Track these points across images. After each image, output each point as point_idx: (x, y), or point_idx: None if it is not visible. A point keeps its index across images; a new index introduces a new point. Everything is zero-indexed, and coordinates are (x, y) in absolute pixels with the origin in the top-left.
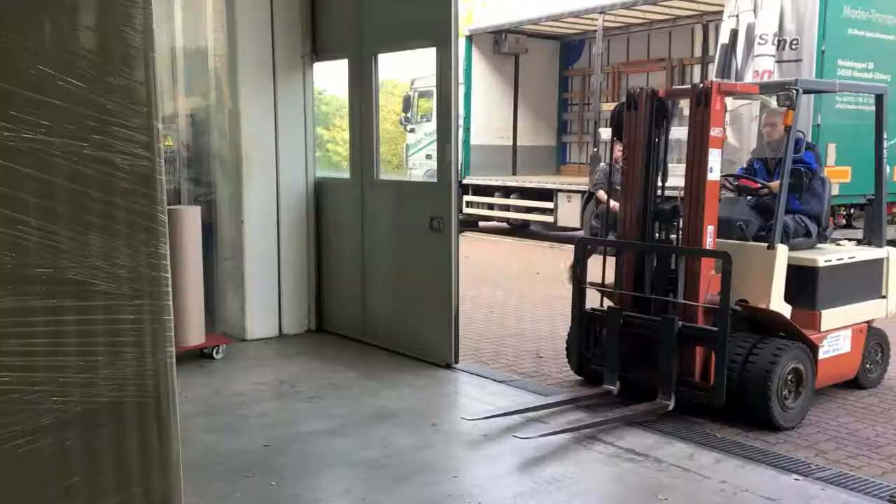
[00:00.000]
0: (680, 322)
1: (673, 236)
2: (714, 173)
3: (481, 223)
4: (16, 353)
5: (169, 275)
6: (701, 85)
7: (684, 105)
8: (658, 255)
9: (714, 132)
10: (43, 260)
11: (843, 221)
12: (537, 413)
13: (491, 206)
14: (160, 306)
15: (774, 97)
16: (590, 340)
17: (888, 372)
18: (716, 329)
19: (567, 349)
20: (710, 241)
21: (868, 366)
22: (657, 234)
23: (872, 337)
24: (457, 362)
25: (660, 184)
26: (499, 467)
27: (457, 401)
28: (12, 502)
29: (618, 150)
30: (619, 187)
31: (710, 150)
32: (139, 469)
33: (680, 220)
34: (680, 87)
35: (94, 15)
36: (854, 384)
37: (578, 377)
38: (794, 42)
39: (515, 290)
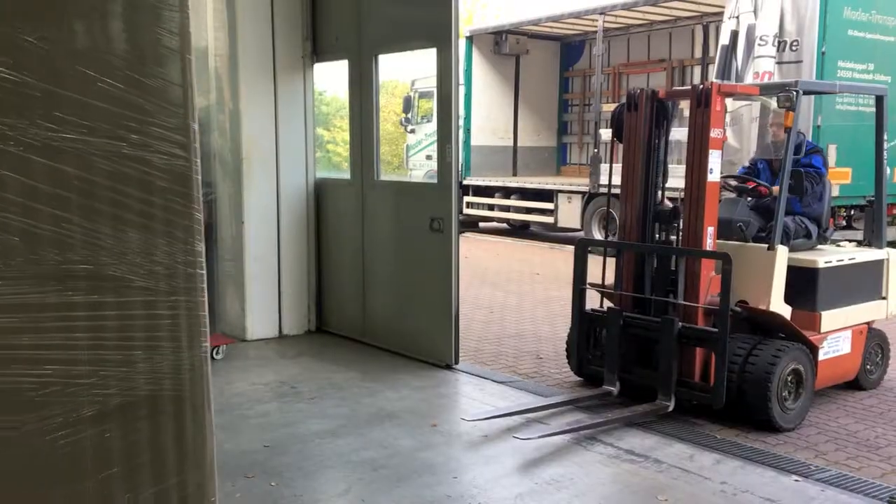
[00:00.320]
0: (680, 323)
1: (673, 237)
2: (714, 174)
3: (481, 224)
4: (58, 347)
5: (204, 272)
6: (701, 86)
7: (684, 106)
8: (658, 256)
9: (714, 133)
10: (84, 256)
11: (844, 223)
12: (537, 414)
13: (491, 207)
14: (196, 302)
15: (774, 98)
16: (590, 341)
17: (888, 373)
18: (716, 330)
19: (567, 350)
20: (710, 242)
21: (868, 367)
22: (657, 235)
23: (872, 338)
24: (457, 363)
25: (660, 185)
26: (499, 468)
27: (457, 401)
28: (54, 492)
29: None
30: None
31: (711, 151)
32: (175, 461)
33: (680, 222)
34: (680, 88)
35: (132, 17)
36: (854, 385)
37: (578, 378)
38: (795, 43)
39: (515, 291)
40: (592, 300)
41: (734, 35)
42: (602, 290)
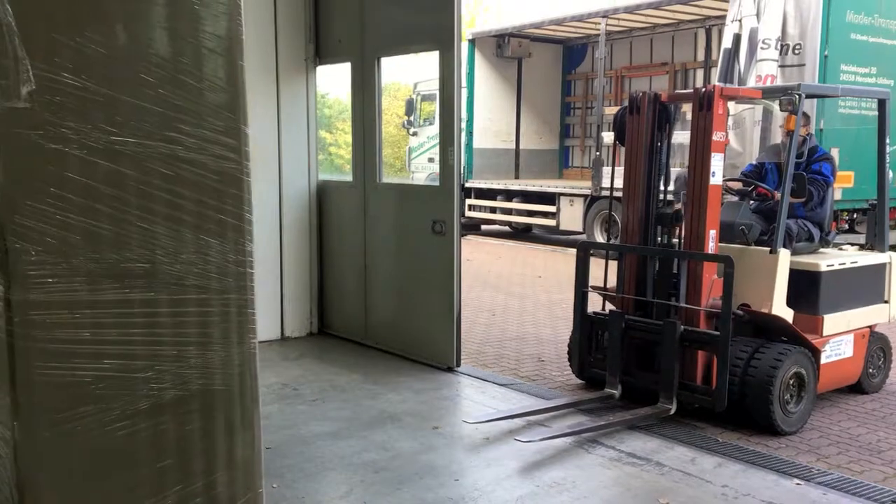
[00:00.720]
0: (682, 326)
1: (675, 240)
2: (716, 177)
3: (483, 227)
4: (117, 342)
5: (254, 270)
6: (703, 89)
7: (686, 109)
8: (660, 259)
9: (716, 136)
10: (141, 255)
11: (847, 226)
12: (539, 416)
13: (493, 210)
14: (245, 300)
15: (777, 102)
16: (591, 344)
17: (890, 377)
18: (718, 333)
19: (569, 353)
20: (712, 245)
21: (870, 370)
22: (659, 238)
23: (875, 342)
24: (458, 365)
25: (662, 188)
26: (500, 470)
27: (458, 404)
28: (111, 481)
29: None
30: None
31: (713, 154)
32: (225, 453)
33: (682, 224)
34: (682, 91)
35: (187, 26)
36: (856, 389)
37: (580, 381)
38: (798, 47)
39: (517, 294)
40: (595, 303)
41: (737, 38)
42: (604, 292)
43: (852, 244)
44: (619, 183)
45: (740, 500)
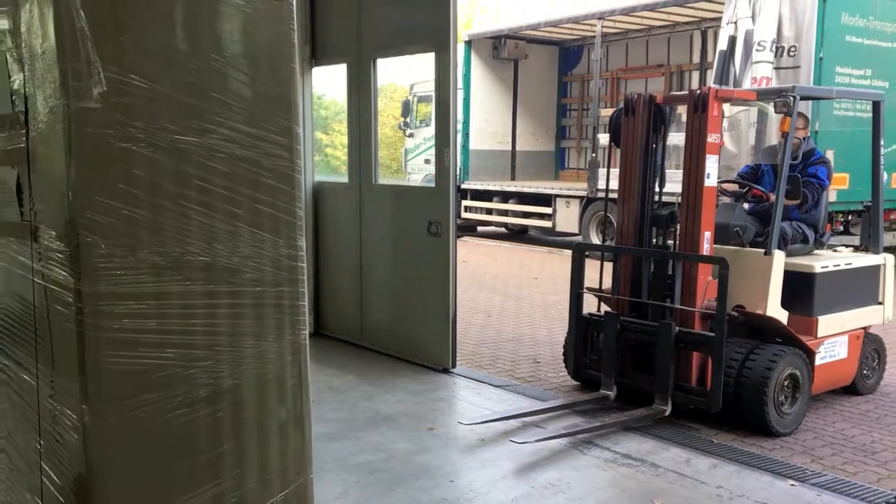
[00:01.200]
0: (677, 327)
1: (670, 242)
2: (711, 179)
3: (480, 228)
4: (179, 332)
5: (304, 264)
6: (698, 91)
7: (682, 111)
8: (655, 260)
9: (711, 138)
10: (202, 249)
11: (841, 228)
12: (534, 418)
13: (489, 211)
14: (297, 292)
15: (772, 104)
16: (587, 345)
17: (885, 378)
18: (712, 334)
19: (564, 354)
20: (707, 246)
21: (865, 372)
22: (654, 240)
23: (869, 343)
24: (454, 367)
25: (657, 189)
26: (495, 471)
27: (454, 405)
28: (173, 465)
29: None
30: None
31: (707, 156)
32: (277, 439)
33: (677, 226)
34: (677, 93)
35: (245, 30)
36: (851, 390)
37: (576, 382)
38: (793, 49)
39: (513, 295)
40: (591, 304)
41: (732, 40)
42: (599, 294)
43: (847, 246)
44: (614, 184)
45: (735, 501)
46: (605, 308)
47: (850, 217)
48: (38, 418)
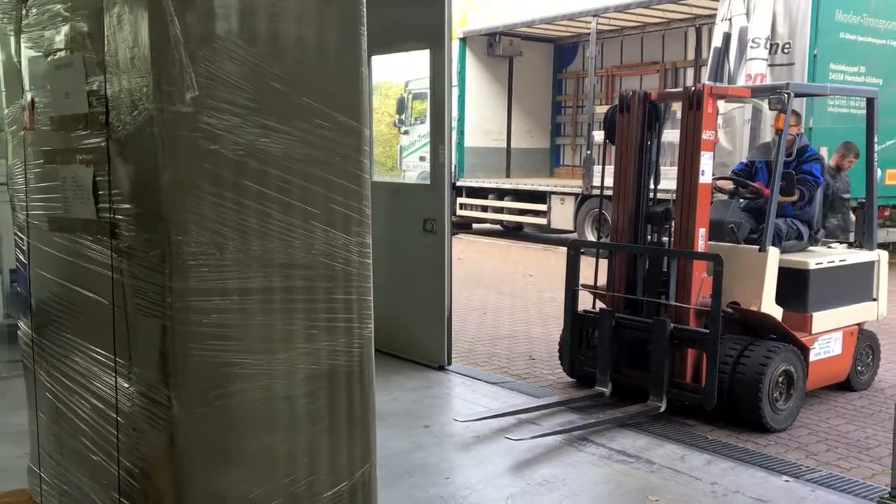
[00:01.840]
0: (672, 324)
1: (665, 239)
2: (706, 176)
3: (475, 225)
4: (259, 326)
5: (371, 260)
6: (693, 88)
7: (676, 108)
8: (650, 257)
9: (706, 135)
10: (282, 246)
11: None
12: (529, 415)
13: (484, 209)
14: (365, 287)
15: (766, 101)
16: (582, 343)
17: (878, 375)
18: (707, 331)
19: (560, 351)
20: (701, 243)
21: (859, 368)
22: (649, 237)
23: (863, 339)
24: (449, 364)
25: (651, 186)
26: (491, 469)
27: (449, 402)
28: (253, 453)
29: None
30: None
31: (702, 153)
32: (346, 427)
33: (672, 223)
34: (672, 90)
35: (319, 36)
36: (845, 386)
37: (571, 379)
38: (787, 46)
39: (508, 293)
40: (586, 301)
41: (726, 37)
42: (594, 291)
43: (840, 242)
44: (609, 181)
45: (729, 498)
46: (599, 305)
47: None
48: (116, 410)
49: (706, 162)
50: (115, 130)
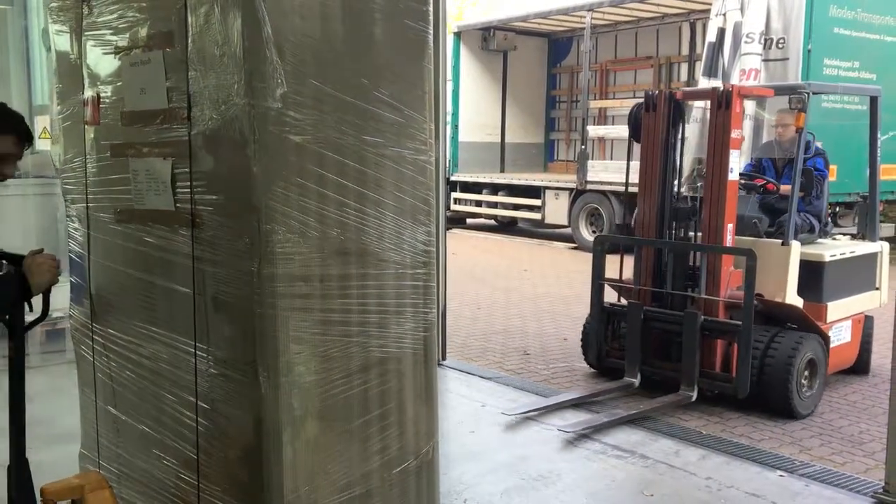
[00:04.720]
0: (702, 316)
1: (690, 234)
2: (734, 173)
3: (469, 220)
4: (338, 311)
5: (435, 249)
6: (721, 88)
7: (692, 105)
8: (676, 252)
9: (734, 133)
10: (357, 235)
11: (829, 219)
12: (564, 406)
13: (479, 203)
14: (430, 275)
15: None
16: (608, 335)
17: (872, 369)
18: (738, 323)
19: (584, 343)
20: (729, 238)
21: (864, 353)
22: (674, 232)
23: (868, 326)
24: (444, 359)
25: (675, 183)
26: (486, 464)
27: (444, 397)
28: (332, 429)
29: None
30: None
31: (731, 150)
32: (412, 407)
33: (698, 218)
34: (698, 88)
35: (395, 36)
36: (851, 371)
37: (569, 373)
38: (781, 41)
39: (503, 288)
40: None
41: (721, 32)
42: (619, 284)
43: (844, 234)
44: (609, 177)
45: (724, 492)
46: (622, 299)
47: (837, 209)
48: (196, 394)
49: (734, 159)
50: (199, 124)
